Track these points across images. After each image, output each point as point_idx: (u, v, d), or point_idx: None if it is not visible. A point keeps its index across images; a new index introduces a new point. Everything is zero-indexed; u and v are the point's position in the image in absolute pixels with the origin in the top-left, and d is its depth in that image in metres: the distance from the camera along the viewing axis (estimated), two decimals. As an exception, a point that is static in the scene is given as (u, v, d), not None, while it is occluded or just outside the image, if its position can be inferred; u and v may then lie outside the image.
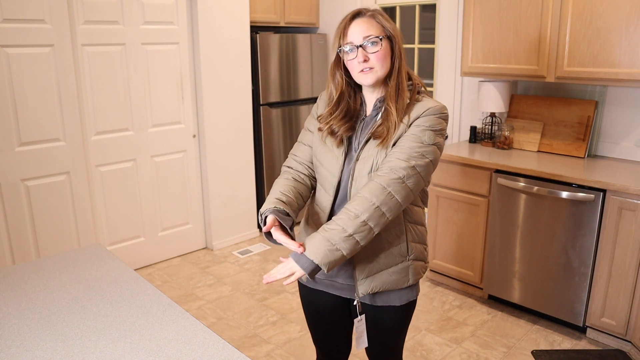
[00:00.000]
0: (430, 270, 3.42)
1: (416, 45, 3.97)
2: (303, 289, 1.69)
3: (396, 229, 1.49)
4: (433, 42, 3.85)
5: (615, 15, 2.58)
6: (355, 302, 1.58)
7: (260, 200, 4.25)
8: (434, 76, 3.87)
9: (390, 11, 4.14)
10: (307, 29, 4.50)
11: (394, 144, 1.43)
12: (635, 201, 2.43)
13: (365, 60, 1.42)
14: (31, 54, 2.94)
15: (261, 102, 4.03)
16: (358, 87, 1.55)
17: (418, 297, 1.72)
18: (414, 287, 1.58)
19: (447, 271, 3.29)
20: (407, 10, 3.99)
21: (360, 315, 1.58)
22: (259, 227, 4.32)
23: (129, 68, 3.36)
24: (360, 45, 1.42)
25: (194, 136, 3.79)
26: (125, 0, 3.26)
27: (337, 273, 1.57)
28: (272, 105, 4.11)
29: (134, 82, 3.40)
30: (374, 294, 1.54)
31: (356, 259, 1.49)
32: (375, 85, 1.48)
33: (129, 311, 1.42)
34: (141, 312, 1.41)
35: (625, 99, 2.91)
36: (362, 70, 1.44)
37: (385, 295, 1.55)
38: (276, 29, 4.35)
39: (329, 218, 1.51)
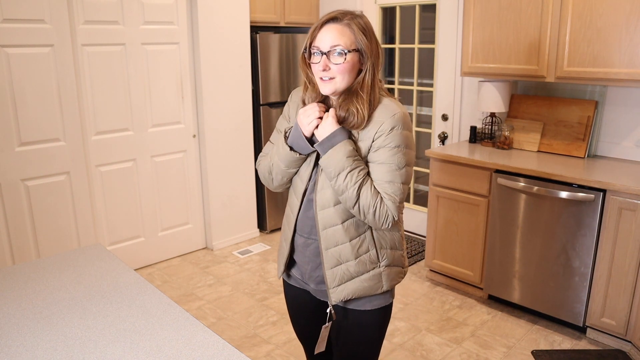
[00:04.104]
0: (430, 270, 3.42)
1: (416, 45, 3.97)
2: (286, 286, 1.72)
3: (361, 237, 1.48)
4: (433, 42, 3.85)
5: (615, 15, 2.58)
6: (328, 310, 1.58)
7: (260, 200, 4.25)
8: (434, 76, 3.87)
9: (390, 11, 4.14)
10: (307, 29, 4.49)
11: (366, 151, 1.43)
12: (635, 201, 2.43)
13: (324, 70, 1.39)
14: (31, 54, 2.94)
15: (261, 102, 4.03)
16: None
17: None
18: (388, 292, 1.56)
19: (447, 271, 3.29)
20: (407, 10, 3.99)
21: (328, 322, 1.58)
22: (260, 225, 4.33)
23: (129, 68, 3.36)
24: (326, 53, 1.38)
25: (194, 136, 3.79)
26: (125, 0, 3.26)
27: (308, 278, 1.58)
28: (272, 105, 4.11)
29: (134, 82, 3.40)
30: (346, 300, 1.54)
31: (325, 267, 1.50)
32: (334, 95, 1.44)
33: (129, 311, 1.42)
34: (141, 312, 1.41)
35: (625, 99, 2.91)
36: (321, 78, 1.41)
37: (358, 300, 1.53)
38: (276, 29, 4.35)
39: (296, 221, 1.55)
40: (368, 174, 1.42)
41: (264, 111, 4.07)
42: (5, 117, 2.90)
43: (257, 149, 4.15)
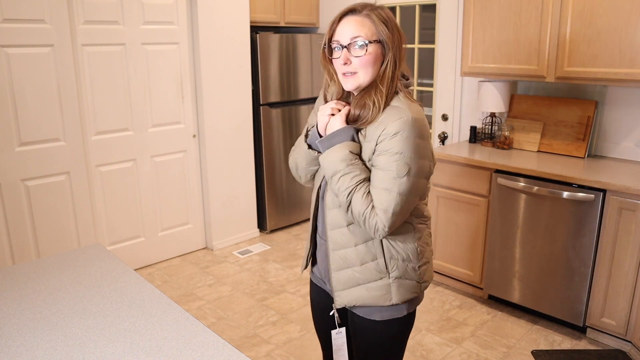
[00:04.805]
0: (430, 270, 3.42)
1: (416, 45, 3.97)
2: (310, 282, 1.71)
3: (368, 243, 1.41)
4: (433, 42, 3.85)
5: (615, 15, 2.58)
6: (331, 313, 1.54)
7: (260, 200, 4.25)
8: (434, 76, 3.87)
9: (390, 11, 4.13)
10: (307, 29, 4.50)
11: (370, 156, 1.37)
12: (635, 201, 2.43)
13: (346, 63, 1.34)
14: (31, 54, 2.94)
15: (261, 102, 4.03)
16: None
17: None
18: (400, 306, 1.46)
19: (447, 271, 3.29)
20: (407, 10, 3.99)
21: (339, 327, 1.54)
22: (260, 225, 4.33)
23: (129, 68, 3.36)
24: (347, 46, 1.33)
25: (194, 136, 3.79)
26: (125, 0, 3.26)
27: (324, 277, 1.57)
28: (272, 105, 4.11)
29: (134, 82, 3.40)
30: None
31: (332, 268, 1.47)
32: (357, 90, 1.39)
33: (129, 311, 1.42)
34: (141, 312, 1.41)
35: (625, 99, 2.91)
36: (344, 73, 1.36)
37: (366, 308, 1.47)
38: (276, 29, 4.35)
39: (315, 215, 1.52)
40: (366, 179, 1.35)
41: (264, 111, 4.06)
42: (5, 117, 2.90)
43: (257, 149, 4.16)
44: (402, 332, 1.51)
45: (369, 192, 1.34)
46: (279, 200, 4.30)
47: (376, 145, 1.34)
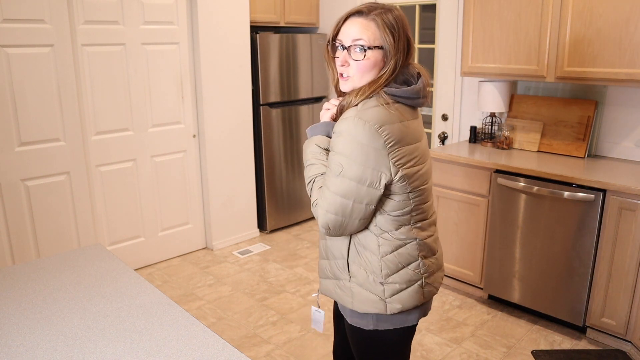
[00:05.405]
0: (430, 270, 3.42)
1: (416, 45, 3.97)
2: None
3: (338, 240, 1.41)
4: (433, 42, 3.85)
5: (615, 15, 2.58)
6: (313, 295, 1.60)
7: (260, 200, 4.25)
8: (434, 76, 3.87)
9: (390, 11, 4.13)
10: (307, 29, 4.50)
11: None
12: (635, 201, 2.43)
13: (343, 65, 1.33)
14: (31, 54, 2.94)
15: (261, 102, 4.03)
16: None
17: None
18: (364, 317, 1.42)
19: (447, 271, 3.29)
20: (407, 10, 3.99)
21: (318, 308, 1.61)
22: (260, 225, 4.33)
23: (129, 68, 3.36)
24: (347, 48, 1.31)
25: (194, 136, 3.79)
26: (125, 0, 3.26)
27: None
28: (272, 105, 4.11)
29: (134, 82, 3.40)
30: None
31: (319, 255, 1.54)
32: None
33: (129, 311, 1.42)
34: (141, 312, 1.41)
35: (625, 99, 2.91)
36: (341, 75, 1.36)
37: (343, 307, 1.48)
38: (276, 29, 4.35)
39: None
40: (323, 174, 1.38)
41: (264, 111, 4.06)
42: (5, 117, 2.90)
43: (257, 149, 4.16)
44: (372, 347, 1.46)
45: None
46: (279, 200, 4.30)
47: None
